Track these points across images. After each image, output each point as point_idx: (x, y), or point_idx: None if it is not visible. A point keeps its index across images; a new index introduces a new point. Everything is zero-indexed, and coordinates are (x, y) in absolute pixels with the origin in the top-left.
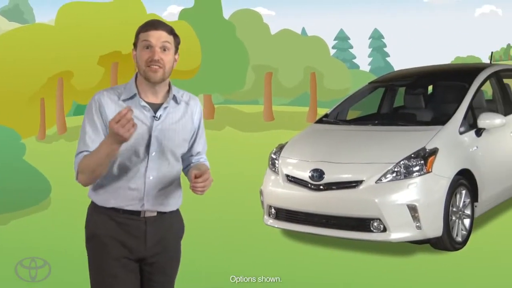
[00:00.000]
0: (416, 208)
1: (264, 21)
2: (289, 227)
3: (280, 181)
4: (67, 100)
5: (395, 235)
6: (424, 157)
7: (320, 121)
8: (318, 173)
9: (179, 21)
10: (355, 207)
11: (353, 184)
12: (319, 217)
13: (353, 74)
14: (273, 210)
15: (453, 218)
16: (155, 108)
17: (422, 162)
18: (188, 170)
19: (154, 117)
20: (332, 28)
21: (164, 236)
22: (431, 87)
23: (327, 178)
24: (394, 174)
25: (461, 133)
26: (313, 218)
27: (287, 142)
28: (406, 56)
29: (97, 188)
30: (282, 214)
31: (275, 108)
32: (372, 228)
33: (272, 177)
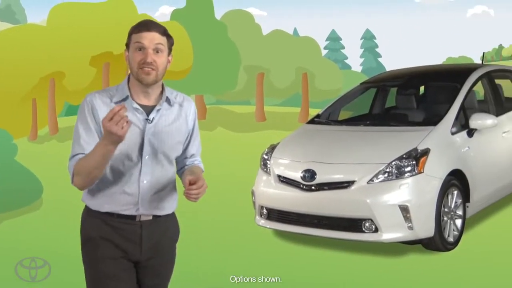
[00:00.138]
0: (408, 209)
1: (256, 22)
2: (281, 228)
3: (272, 182)
4: (59, 101)
5: (387, 236)
6: (416, 158)
7: (312, 122)
8: (310, 174)
9: (171, 22)
10: (347, 208)
11: (345, 185)
12: (311, 218)
13: (345, 75)
14: (265, 211)
15: (445, 219)
16: (148, 111)
17: (414, 163)
18: (183, 173)
19: (147, 120)
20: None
21: (160, 240)
22: (423, 88)
23: (319, 179)
24: (386, 175)
25: (453, 134)
26: (305, 219)
27: (279, 143)
28: (398, 57)
29: (91, 193)
30: (274, 215)
31: (267, 109)
32: (364, 229)
33: (264, 178)
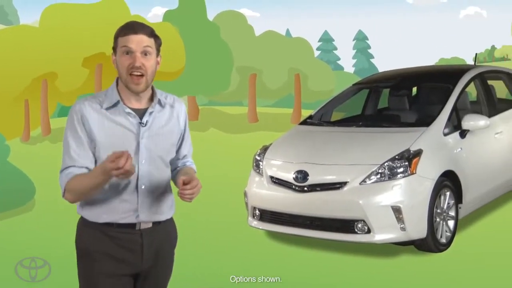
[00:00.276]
0: (400, 210)
1: (249, 23)
2: (273, 229)
3: (265, 183)
4: (52, 102)
5: (379, 237)
6: (408, 159)
7: (304, 123)
8: (302, 175)
9: (163, 23)
10: (339, 209)
11: (337, 186)
12: (303, 219)
13: (338, 76)
14: (257, 212)
15: (437, 220)
16: (140, 114)
17: (406, 164)
18: (176, 174)
19: (141, 124)
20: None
21: (160, 247)
22: (416, 89)
23: (311, 180)
24: (378, 176)
25: (445, 135)
26: (297, 220)
27: (272, 144)
28: (391, 58)
29: (87, 204)
30: (267, 216)
31: (260, 110)
32: (356, 230)
33: (256, 179)
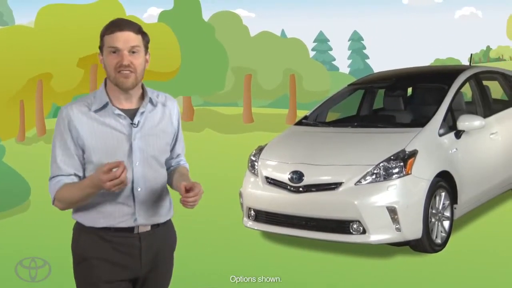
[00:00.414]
0: (396, 210)
1: (244, 23)
2: (269, 229)
3: (260, 183)
4: (47, 102)
5: (375, 237)
6: (404, 159)
7: (300, 123)
8: (298, 175)
9: (159, 23)
10: (335, 209)
11: (333, 186)
12: (299, 219)
13: (333, 76)
14: (253, 212)
15: (433, 220)
16: (131, 114)
17: (402, 164)
18: (171, 175)
19: (132, 124)
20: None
21: (159, 251)
22: (411, 89)
23: (307, 180)
24: (374, 176)
25: (441, 135)
26: (293, 220)
27: (267, 144)
28: (386, 58)
29: (83, 209)
30: (262, 216)
31: (255, 110)
32: (352, 230)
33: (252, 179)
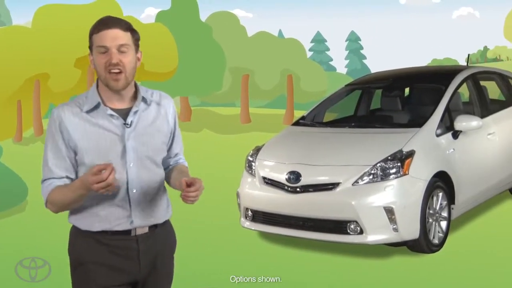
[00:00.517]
0: (393, 211)
1: (242, 23)
2: (266, 230)
3: (257, 184)
4: (44, 102)
5: (372, 238)
6: (401, 160)
7: (297, 123)
8: (295, 175)
9: (156, 23)
10: (332, 210)
11: (330, 187)
12: (296, 220)
13: (330, 77)
14: (250, 213)
15: (430, 221)
16: (124, 114)
17: (399, 165)
18: (170, 174)
19: (125, 125)
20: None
21: (158, 253)
22: (408, 90)
23: (304, 181)
24: (371, 177)
25: (438, 136)
26: (290, 221)
27: (264, 144)
28: (383, 59)
29: (78, 213)
30: (259, 217)
31: (252, 111)
32: (349, 231)
33: (249, 179)
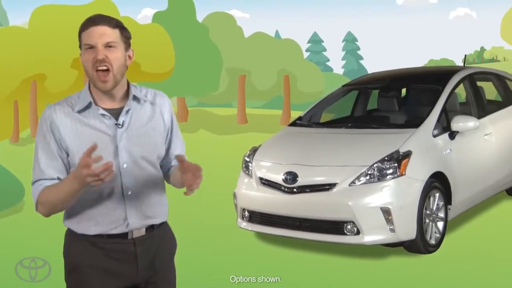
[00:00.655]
0: (390, 211)
1: (238, 24)
2: (263, 230)
3: (254, 184)
4: (41, 103)
5: (369, 238)
6: (398, 160)
7: (294, 124)
8: (292, 176)
9: (153, 24)
10: (329, 210)
11: (327, 187)
12: (293, 220)
13: (327, 77)
14: (247, 213)
15: (427, 221)
16: (116, 114)
17: (396, 165)
18: (170, 174)
19: (117, 125)
20: (306, 31)
21: (157, 255)
22: (405, 90)
23: (301, 181)
24: (368, 177)
25: (435, 136)
26: (287, 221)
27: (261, 145)
28: (380, 59)
29: (73, 216)
30: (256, 217)
31: (249, 111)
32: (346, 231)
33: (246, 180)
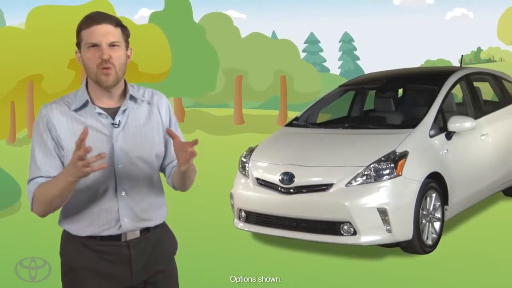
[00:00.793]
0: (386, 212)
1: (235, 24)
2: (260, 231)
3: (250, 185)
4: (38, 104)
5: (365, 239)
6: (394, 161)
7: (290, 124)
8: (288, 177)
9: (149, 24)
10: (325, 211)
11: (323, 188)
12: (290, 221)
13: (323, 77)
14: (243, 214)
15: (423, 222)
16: (113, 113)
17: (392, 166)
18: (173, 176)
19: (113, 124)
20: (303, 32)
21: (152, 257)
22: (401, 91)
23: (297, 182)
24: (364, 178)
25: (431, 137)
26: (284, 222)
27: (257, 146)
28: (376, 60)
29: (67, 217)
30: (253, 218)
31: (245, 112)
32: (342, 232)
33: (242, 181)
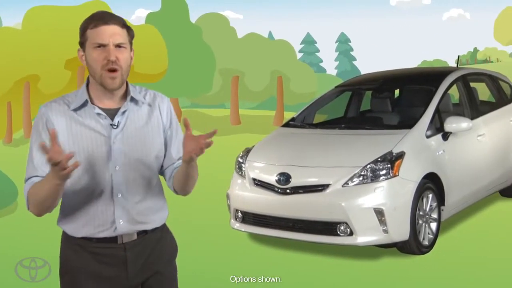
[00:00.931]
0: (383, 212)
1: (232, 25)
2: (256, 231)
3: (247, 185)
4: (34, 104)
5: (362, 239)
6: (391, 161)
7: (287, 125)
8: (285, 177)
9: (146, 25)
10: (322, 211)
11: (320, 188)
12: (286, 221)
13: (320, 78)
14: (240, 214)
15: (420, 222)
16: (113, 114)
17: (389, 166)
18: (174, 178)
19: (112, 125)
20: (299, 32)
21: (151, 259)
22: (398, 91)
23: (294, 182)
24: (361, 178)
25: (428, 137)
26: (280, 222)
27: (254, 146)
28: (373, 60)
29: (65, 217)
30: (249, 218)
31: (242, 112)
32: (339, 232)
33: (239, 181)
